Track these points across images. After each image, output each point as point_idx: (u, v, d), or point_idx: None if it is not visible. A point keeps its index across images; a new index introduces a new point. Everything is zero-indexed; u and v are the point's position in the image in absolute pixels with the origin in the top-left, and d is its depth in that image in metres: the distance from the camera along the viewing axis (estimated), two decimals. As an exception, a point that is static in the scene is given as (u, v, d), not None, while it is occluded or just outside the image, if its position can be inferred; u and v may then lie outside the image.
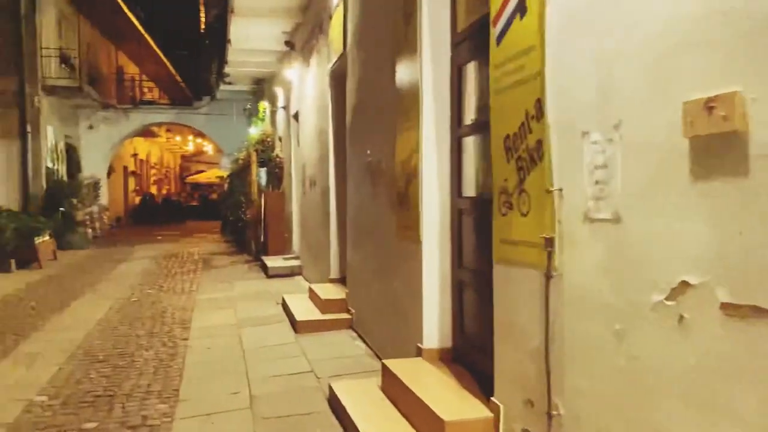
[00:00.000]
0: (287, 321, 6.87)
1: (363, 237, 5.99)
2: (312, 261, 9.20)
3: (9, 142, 15.48)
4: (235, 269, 11.63)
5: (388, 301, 5.04)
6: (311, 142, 9.15)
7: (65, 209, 15.88)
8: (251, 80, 15.19)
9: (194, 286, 9.84)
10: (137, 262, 12.99)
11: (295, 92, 11.03)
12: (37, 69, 15.73)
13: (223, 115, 20.14)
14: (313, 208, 8.99)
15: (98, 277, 10.80)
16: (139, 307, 8.11)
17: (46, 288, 9.61)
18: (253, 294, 8.80)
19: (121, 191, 25.33)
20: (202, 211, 29.12)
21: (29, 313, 7.68)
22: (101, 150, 19.70)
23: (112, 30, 22.08)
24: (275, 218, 12.01)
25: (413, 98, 4.37)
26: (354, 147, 6.35)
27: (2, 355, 5.75)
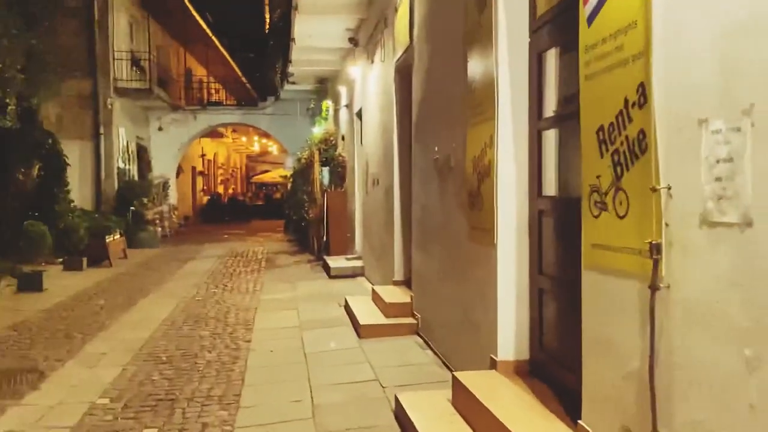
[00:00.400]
0: (350, 324, 6.65)
1: (429, 238, 5.70)
2: (375, 262, 8.98)
3: (83, 143, 15.99)
4: (297, 269, 11.55)
5: (457, 308, 4.73)
6: (374, 140, 8.92)
7: (136, 208, 16.30)
8: (315, 79, 15.13)
9: (258, 285, 9.80)
10: (203, 260, 13.14)
11: (358, 90, 10.84)
12: (110, 72, 16.20)
13: (287, 115, 20.24)
14: (376, 207, 8.76)
15: (165, 276, 10.94)
16: (204, 306, 8.10)
17: (115, 286, 9.78)
18: (315, 295, 8.66)
19: (189, 191, 25.93)
20: (267, 210, 29.50)
21: (97, 312, 7.77)
22: (170, 150, 20.16)
23: (181, 33, 22.61)
24: (338, 218, 11.87)
25: (487, 89, 4.04)
26: (420, 144, 6.07)
27: (69, 354, 5.78)
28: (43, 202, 11.00)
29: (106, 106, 16.10)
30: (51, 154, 11.09)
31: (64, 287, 9.47)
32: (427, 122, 5.78)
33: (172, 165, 20.56)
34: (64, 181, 11.51)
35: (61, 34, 15.56)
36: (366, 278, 9.69)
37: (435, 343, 5.44)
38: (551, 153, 3.78)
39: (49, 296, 8.74)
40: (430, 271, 5.69)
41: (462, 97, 4.56)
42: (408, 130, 7.14)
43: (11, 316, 7.40)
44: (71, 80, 15.76)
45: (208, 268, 11.90)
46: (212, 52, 25.48)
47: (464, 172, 4.51)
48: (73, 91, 15.84)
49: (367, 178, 9.72)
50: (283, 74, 14.77)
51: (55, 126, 15.65)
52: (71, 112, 15.89)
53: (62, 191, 11.45)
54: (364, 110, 10.10)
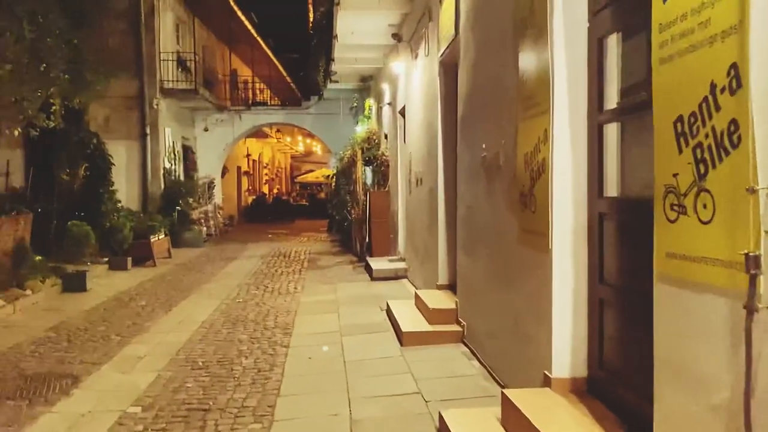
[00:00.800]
0: (392, 330, 6.37)
1: (476, 241, 5.36)
2: (418, 264, 8.67)
3: (130, 144, 16.17)
4: (339, 270, 11.34)
5: (507, 317, 4.39)
6: (418, 138, 8.62)
7: (181, 208, 16.39)
8: (357, 77, 14.92)
9: (299, 287, 9.62)
10: (246, 260, 13.07)
11: (401, 87, 10.55)
12: (156, 72, 16.33)
13: (330, 115, 20.11)
14: (420, 207, 8.45)
15: (208, 276, 10.89)
16: (244, 308, 7.94)
17: (157, 286, 9.75)
18: (356, 298, 8.41)
19: (234, 191, 26.11)
20: (311, 210, 29.53)
21: (138, 313, 7.70)
22: (215, 150, 20.28)
23: (226, 34, 22.76)
24: (380, 218, 11.61)
25: (541, 80, 3.69)
26: (466, 140, 5.73)
27: (105, 358, 5.67)
28: (89, 203, 11.08)
29: (152, 107, 16.24)
30: (96, 154, 11.17)
31: (108, 287, 9.49)
32: (473, 118, 5.45)
33: (218, 165, 20.68)
34: (109, 182, 11.58)
35: (109, 35, 15.80)
36: (409, 281, 9.40)
37: (482, 354, 5.10)
38: (613, 149, 3.40)
39: (91, 296, 8.74)
40: (476, 275, 5.36)
41: (513, 90, 4.22)
42: (453, 127, 6.82)
43: (53, 317, 7.39)
44: (118, 81, 15.89)
45: (251, 268, 11.81)
46: (257, 53, 25.61)
47: (515, 171, 4.17)
48: (120, 92, 16.00)
49: (410, 177, 9.42)
50: (326, 73, 14.60)
51: (102, 127, 15.88)
52: (118, 113, 16.09)
53: (107, 191, 11.52)
54: (407, 108, 9.81)
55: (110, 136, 15.84)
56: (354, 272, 10.97)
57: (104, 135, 15.68)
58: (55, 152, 10.00)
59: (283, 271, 11.36)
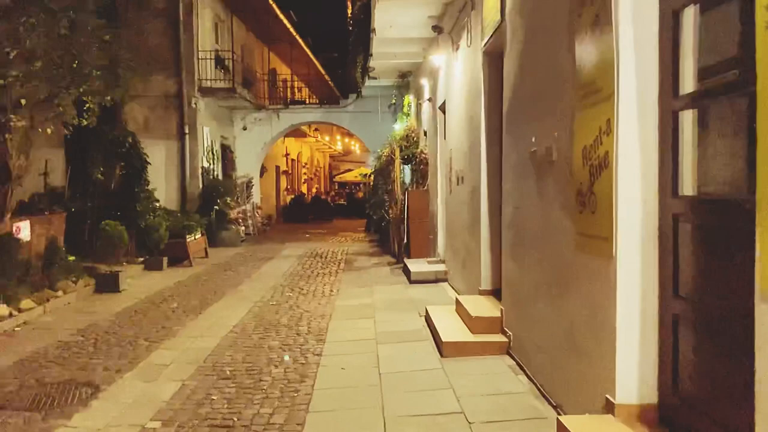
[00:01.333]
0: (431, 339, 5.95)
1: (524, 244, 4.90)
2: (459, 267, 8.23)
3: (169, 143, 16.15)
4: (376, 272, 10.97)
5: (560, 330, 3.93)
6: (459, 134, 8.18)
7: (219, 207, 16.29)
8: (396, 73, 14.49)
9: (334, 289, 9.29)
10: (283, 261, 12.83)
11: (441, 81, 10.12)
12: (194, 71, 16.26)
13: (368, 113, 19.77)
14: (461, 208, 8.01)
15: (242, 277, 10.66)
16: (277, 311, 7.64)
17: (191, 288, 9.55)
18: (394, 302, 8.02)
19: (273, 190, 26.06)
20: (349, 210, 29.31)
21: (168, 316, 7.47)
22: (254, 149, 20.17)
23: (265, 33, 22.67)
24: (419, 218, 11.19)
25: (603, 62, 3.23)
26: (512, 135, 5.28)
27: (130, 365, 5.41)
28: (124, 202, 10.98)
29: (191, 106, 16.17)
30: (131, 153, 11.04)
31: (141, 288, 9.33)
32: (522, 109, 4.99)
33: (256, 164, 20.58)
34: (144, 181, 11.46)
35: (148, 34, 15.82)
36: (449, 284, 8.96)
37: (531, 368, 4.64)
38: (690, 140, 2.93)
39: (124, 297, 8.58)
40: (524, 282, 4.90)
41: (568, 76, 3.76)
42: (498, 122, 6.37)
43: (83, 319, 7.22)
44: (157, 80, 15.97)
45: (286, 269, 11.55)
46: (296, 51, 25.48)
47: (571, 167, 3.71)
48: (159, 91, 16.04)
49: (450, 175, 8.98)
50: (364, 69, 14.25)
51: (141, 126, 15.91)
52: (157, 113, 16.09)
53: (143, 190, 11.41)
54: (447, 103, 9.37)
55: (149, 135, 15.88)
56: (391, 274, 10.58)
57: (143, 135, 15.74)
58: (89, 151, 9.89)
59: (319, 273, 11.06)
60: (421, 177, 12.43)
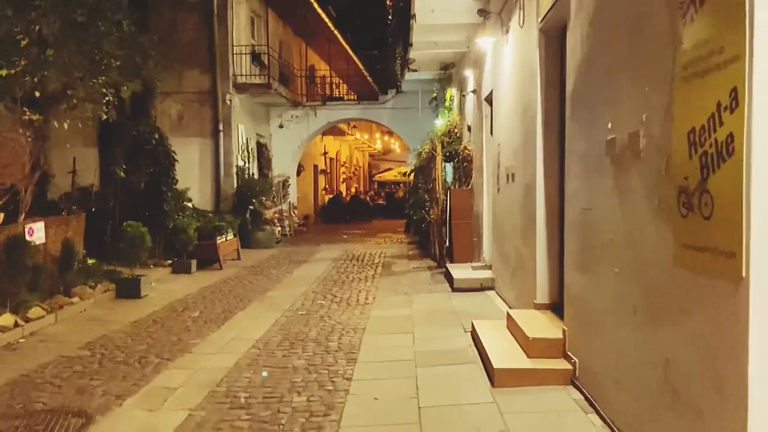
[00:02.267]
0: (479, 362, 5.12)
1: (596, 254, 4.03)
2: (508, 275, 7.37)
3: (203, 141, 15.66)
4: (416, 278, 10.16)
5: (651, 367, 3.06)
6: (509, 126, 7.31)
7: (254, 207, 15.74)
8: (438, 65, 13.65)
9: (370, 297, 8.52)
10: (317, 264, 12.14)
11: (488, 69, 9.25)
12: (229, 67, 15.74)
13: (408, 109, 18.94)
14: (511, 208, 7.15)
15: (273, 282, 10.00)
16: (306, 323, 6.92)
17: (217, 294, 8.91)
18: (435, 313, 7.21)
19: (311, 189, 25.49)
20: (389, 210, 28.58)
21: (187, 327, 6.82)
22: (291, 148, 19.58)
23: (303, 28, 22.11)
24: (462, 219, 10.34)
25: (727, 9, 2.36)
26: (579, 122, 4.41)
27: (133, 388, 4.74)
28: (151, 201, 10.45)
29: (225, 102, 15.64)
30: (158, 150, 10.48)
31: (164, 293, 8.74)
32: (593, 90, 4.11)
33: (293, 163, 20.00)
34: (172, 179, 10.87)
35: (182, 29, 15.39)
36: (497, 294, 8.09)
37: (605, 407, 3.77)
38: None
39: (144, 304, 7.99)
40: (596, 299, 4.03)
41: (663, 38, 2.90)
42: (557, 109, 5.53)
43: (95, 330, 6.63)
44: (191, 76, 15.53)
45: (320, 273, 10.85)
46: (334, 48, 24.87)
47: (669, 157, 2.84)
48: (192, 87, 15.58)
49: (498, 172, 8.12)
50: (404, 61, 13.47)
51: (175, 123, 15.49)
52: (191, 109, 15.63)
53: (171, 189, 10.84)
54: (495, 92, 8.50)
55: (183, 133, 15.45)
56: (432, 281, 9.76)
57: (177, 132, 15.33)
58: (112, 148, 9.34)
59: (355, 278, 10.32)
60: (464, 175, 11.58)
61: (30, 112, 7.13)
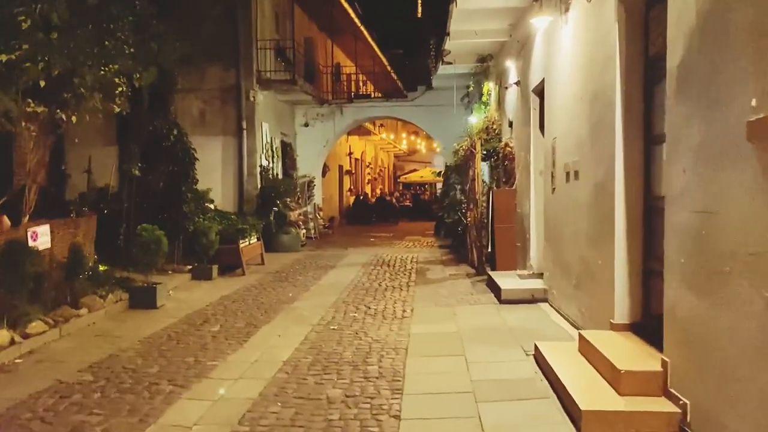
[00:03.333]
0: (553, 397, 4.23)
1: (727, 269, 3.13)
2: (569, 287, 6.46)
3: (226, 140, 14.95)
4: (455, 286, 9.29)
5: None
6: (570, 117, 6.42)
7: (279, 209, 15.01)
8: (474, 57, 12.72)
9: (407, 308, 7.68)
10: (346, 269, 11.33)
11: (537, 58, 8.35)
12: (253, 62, 15.02)
13: (439, 106, 18.04)
14: (573, 210, 6.25)
15: (300, 290, 9.20)
16: (339, 341, 6.10)
17: (240, 303, 8.13)
18: (485, 330, 6.34)
19: (336, 191, 24.73)
20: (415, 211, 27.75)
21: (206, 344, 6.04)
22: (316, 147, 18.82)
23: (328, 24, 21.39)
24: (505, 222, 9.44)
25: None
26: (692, 101, 3.51)
27: (140, 424, 3.93)
28: (170, 203, 9.73)
29: (249, 100, 14.92)
30: (177, 147, 9.73)
31: (182, 303, 7.99)
32: (720, 57, 3.20)
33: (318, 163, 19.23)
34: (192, 179, 10.11)
35: (204, 22, 14.69)
36: (552, 307, 7.19)
37: (744, 474, 2.87)
38: None
39: (159, 316, 7.24)
40: (727, 328, 3.13)
41: None
42: (640, 93, 4.64)
43: (103, 347, 5.87)
44: (213, 72, 14.85)
45: (350, 280, 10.03)
46: (360, 45, 24.11)
47: None
48: (215, 83, 14.90)
49: (553, 170, 7.22)
50: (438, 53, 12.61)
51: (196, 121, 14.81)
52: (213, 106, 14.95)
53: (191, 190, 10.09)
54: (548, 82, 7.61)
55: (204, 131, 14.77)
56: (473, 290, 8.88)
57: (198, 130, 14.63)
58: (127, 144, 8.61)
59: (388, 286, 9.48)
60: (505, 174, 10.68)
61: (34, 104, 6.41)
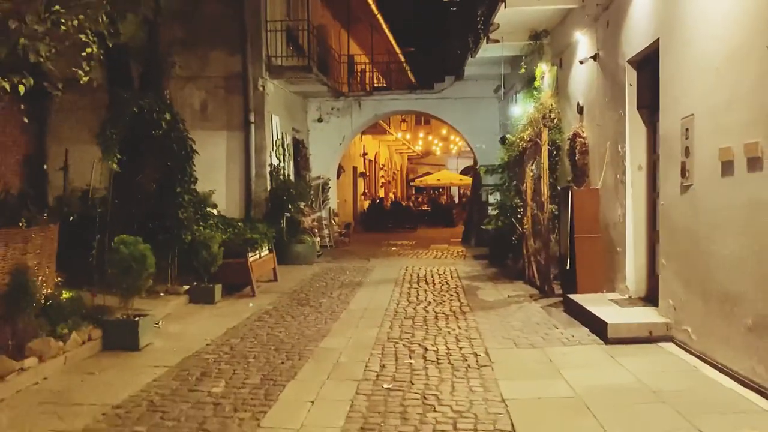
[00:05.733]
0: None
1: None
2: (734, 326, 4.43)
3: (231, 135, 12.95)
4: (524, 313, 7.25)
5: None
6: (735, 81, 4.41)
7: (291, 215, 13.01)
8: (527, 34, 10.70)
9: (478, 349, 5.67)
10: (377, 288, 9.32)
11: (639, 16, 6.36)
12: (262, 46, 13.04)
13: (470, 98, 16.03)
14: (749, 213, 4.23)
15: (327, 318, 7.18)
16: (402, 413, 4.08)
17: (251, 341, 6.11)
18: (618, 395, 4.30)
19: (350, 194, 22.71)
20: (434, 217, 25.72)
21: (203, 421, 4.01)
22: (331, 145, 16.80)
23: (343, 12, 19.45)
24: (590, 232, 7.40)
25: None
26: None
27: None
28: (162, 207, 7.72)
29: (258, 89, 12.93)
30: (171, 137, 7.67)
31: (175, 341, 5.97)
32: None
33: (332, 163, 17.20)
34: (189, 177, 8.02)
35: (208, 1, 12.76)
36: (689, 351, 5.15)
37: None
38: None
39: (142, 364, 5.21)
40: None
41: None
42: None
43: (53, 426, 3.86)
44: (217, 57, 12.87)
45: (386, 303, 8.02)
46: (377, 37, 22.18)
47: None
48: (219, 70, 12.91)
49: (686, 160, 5.21)
50: (485, 27, 10.58)
51: (197, 113, 12.83)
52: (217, 97, 12.96)
53: (188, 191, 8.02)
54: (669, 44, 5.60)
55: (207, 125, 12.77)
56: (553, 319, 6.85)
57: (200, 124, 12.60)
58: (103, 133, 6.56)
59: (438, 312, 7.44)
60: (574, 171, 8.67)
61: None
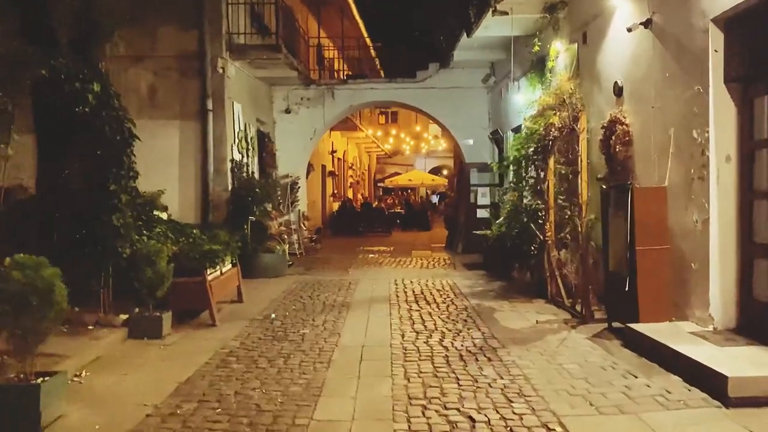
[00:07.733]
0: None
1: None
2: None
3: (185, 125, 10.99)
4: (573, 350, 5.53)
5: None
6: None
7: (257, 218, 11.10)
8: (539, 6, 9.08)
9: (546, 416, 3.98)
10: (368, 311, 7.51)
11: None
12: (222, 22, 11.10)
13: (457, 89, 14.39)
14: None
15: (315, 361, 5.31)
16: None
17: (212, 408, 4.21)
18: None
19: (319, 195, 20.78)
20: (409, 220, 24.02)
21: None
22: (300, 140, 14.87)
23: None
24: (656, 243, 5.72)
25: None
26: None
27: None
28: (89, 210, 5.72)
29: (217, 71, 10.99)
30: (101, 115, 5.62)
31: (99, 409, 4.04)
32: None
33: (303, 160, 15.29)
34: (127, 170, 5.98)
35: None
36: None
37: None
38: None
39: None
40: None
41: None
42: None
43: None
44: (167, 33, 10.90)
45: (387, 335, 6.22)
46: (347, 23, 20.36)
47: None
48: (171, 48, 10.93)
49: None
50: None
51: (145, 100, 10.83)
52: (168, 80, 10.96)
53: (126, 189, 6.01)
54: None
55: (157, 113, 10.80)
56: (619, 361, 5.15)
57: (148, 113, 10.62)
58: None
59: (458, 349, 5.66)
60: (611, 166, 7.03)
61: None
